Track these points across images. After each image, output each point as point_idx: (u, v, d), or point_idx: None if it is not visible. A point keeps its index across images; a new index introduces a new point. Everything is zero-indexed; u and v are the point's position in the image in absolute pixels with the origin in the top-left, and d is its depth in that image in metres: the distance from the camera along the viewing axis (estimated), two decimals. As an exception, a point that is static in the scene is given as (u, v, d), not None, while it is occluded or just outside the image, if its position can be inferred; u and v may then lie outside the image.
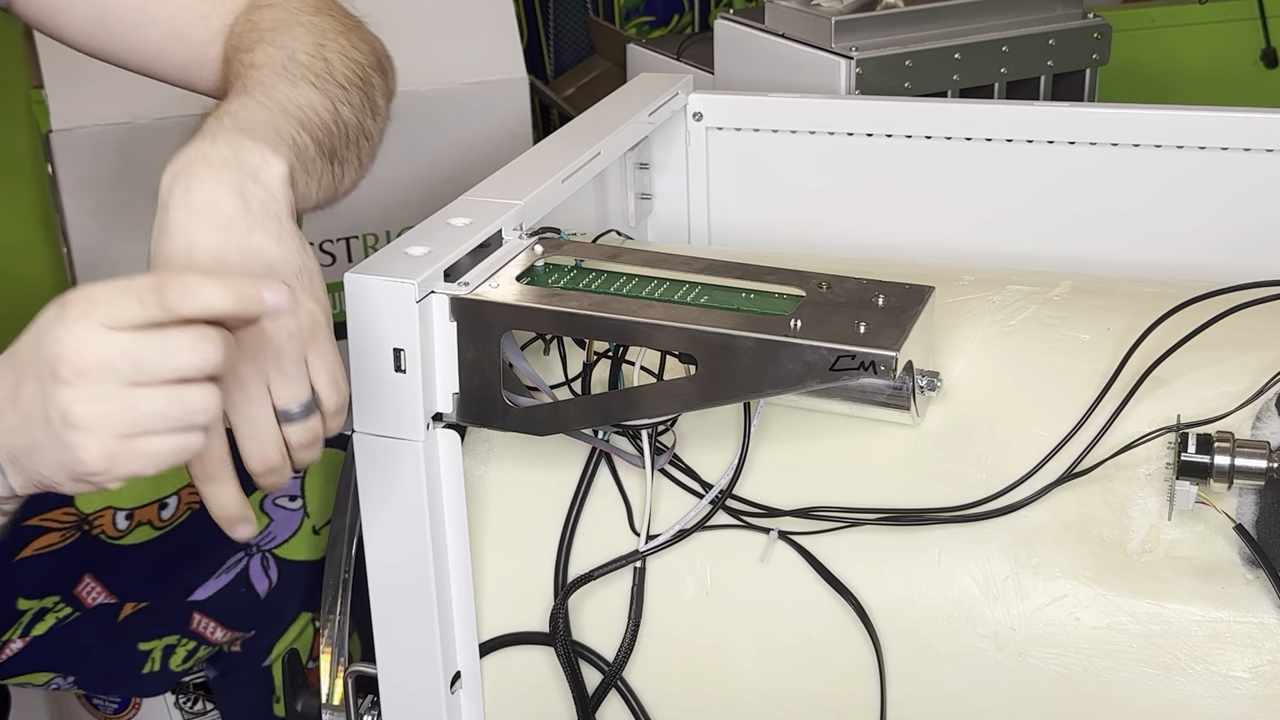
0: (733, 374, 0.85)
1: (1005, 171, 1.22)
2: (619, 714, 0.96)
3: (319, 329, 0.82)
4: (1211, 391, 0.88)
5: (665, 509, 0.93)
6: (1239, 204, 1.16)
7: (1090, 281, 1.01)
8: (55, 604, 1.20)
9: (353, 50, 0.98)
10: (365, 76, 0.97)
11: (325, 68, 0.95)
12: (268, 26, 0.98)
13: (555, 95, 2.56)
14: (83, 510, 1.22)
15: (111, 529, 1.22)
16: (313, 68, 0.94)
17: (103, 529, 1.22)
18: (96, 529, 1.22)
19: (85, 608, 1.20)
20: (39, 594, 1.19)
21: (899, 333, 0.83)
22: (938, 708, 0.89)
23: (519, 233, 0.98)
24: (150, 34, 1.03)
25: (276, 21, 0.99)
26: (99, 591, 1.20)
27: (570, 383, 0.94)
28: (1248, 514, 0.84)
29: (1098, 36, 1.60)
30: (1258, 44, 2.40)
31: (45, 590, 1.19)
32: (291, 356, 0.80)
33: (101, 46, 1.05)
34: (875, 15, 1.55)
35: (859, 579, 0.89)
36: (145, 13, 1.03)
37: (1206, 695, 0.83)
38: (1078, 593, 0.86)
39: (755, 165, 1.29)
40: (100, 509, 1.22)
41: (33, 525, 1.20)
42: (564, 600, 0.94)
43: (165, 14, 1.03)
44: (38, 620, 1.19)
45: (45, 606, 1.19)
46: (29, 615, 1.19)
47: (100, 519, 1.22)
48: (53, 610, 1.19)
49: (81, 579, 1.20)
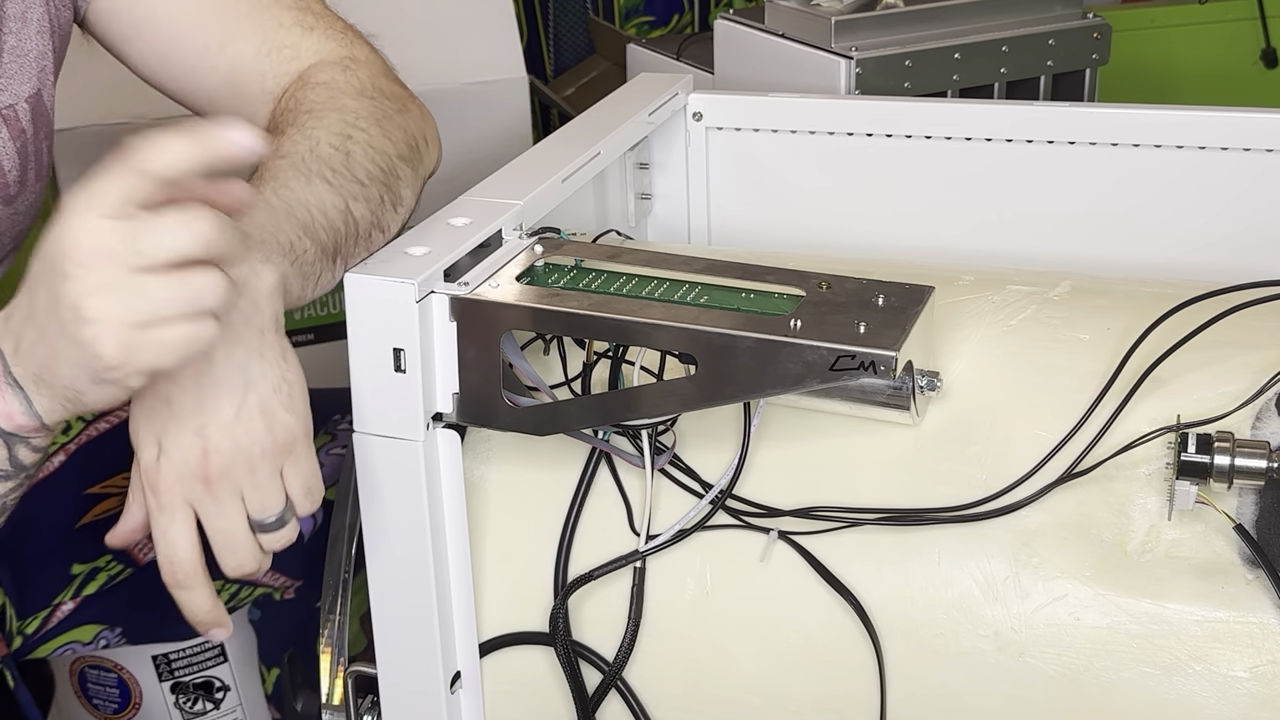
0: (733, 374, 0.85)
1: (1005, 171, 1.21)
2: (619, 714, 0.96)
3: (295, 443, 0.83)
4: (1211, 391, 0.88)
5: (665, 509, 0.93)
6: (1239, 204, 1.16)
7: (1090, 281, 1.01)
8: (108, 562, 1.19)
9: (382, 140, 0.98)
10: (389, 168, 0.97)
11: (345, 162, 0.94)
12: (305, 109, 0.99)
13: (555, 95, 2.56)
14: None
15: None
16: (332, 162, 0.94)
17: None
18: None
19: (138, 564, 1.19)
20: (95, 557, 1.19)
21: (899, 333, 0.83)
22: (938, 708, 0.89)
23: (519, 233, 0.98)
24: (207, 80, 1.06)
25: (314, 104, 0.99)
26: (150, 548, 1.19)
27: (570, 383, 0.94)
28: (1248, 514, 0.84)
29: (1098, 36, 1.60)
30: (1258, 44, 2.40)
31: (101, 552, 1.19)
32: (266, 471, 0.82)
33: (161, 82, 1.08)
34: (875, 15, 1.55)
35: (859, 579, 0.89)
36: (205, 59, 1.05)
37: (1206, 695, 0.83)
38: (1078, 593, 0.86)
39: (755, 165, 1.29)
40: None
41: (94, 493, 1.19)
42: (564, 600, 0.94)
43: (224, 64, 1.05)
44: (89, 580, 1.19)
45: (98, 566, 1.19)
46: (80, 577, 1.18)
47: None
48: (104, 569, 1.19)
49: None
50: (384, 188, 0.95)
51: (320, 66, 1.05)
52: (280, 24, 1.06)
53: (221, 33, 1.05)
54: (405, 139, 1.00)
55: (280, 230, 0.87)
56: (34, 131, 1.03)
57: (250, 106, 1.05)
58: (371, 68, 1.06)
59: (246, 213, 0.82)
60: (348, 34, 1.08)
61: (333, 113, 0.98)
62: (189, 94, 1.08)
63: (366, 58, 1.07)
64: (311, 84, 1.02)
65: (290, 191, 0.90)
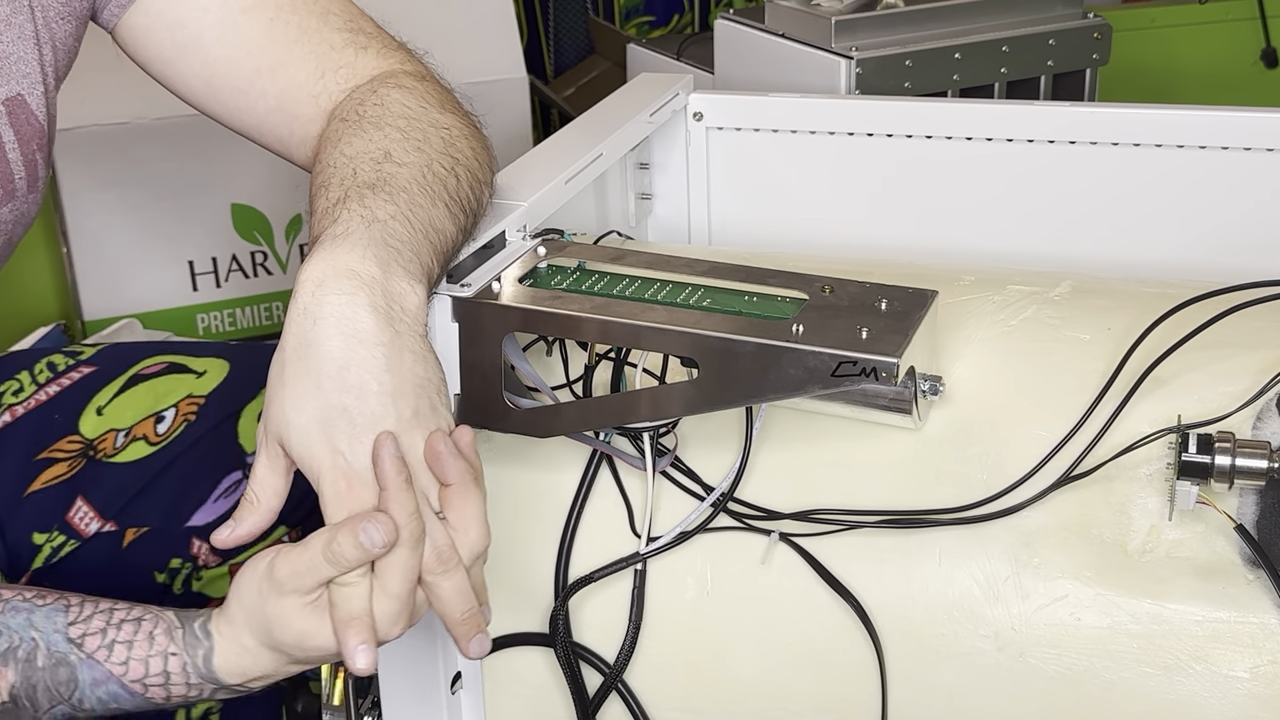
0: (734, 378, 0.85)
1: (1005, 171, 1.22)
2: (619, 715, 0.96)
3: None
4: (1212, 391, 0.88)
5: (666, 511, 0.93)
6: (1239, 204, 1.16)
7: (1090, 281, 1.01)
8: (51, 534, 1.18)
9: (474, 163, 0.96)
10: (479, 195, 0.96)
11: (457, 187, 0.93)
12: (399, 113, 0.96)
13: (555, 95, 2.56)
14: (87, 436, 1.20)
15: (111, 449, 1.20)
16: (447, 184, 0.92)
17: (104, 451, 1.20)
18: (99, 453, 1.20)
19: (83, 537, 1.18)
20: (47, 526, 1.18)
21: (901, 338, 0.83)
22: (938, 708, 0.89)
23: (522, 234, 0.98)
24: (257, 105, 1.04)
25: (408, 111, 0.97)
26: (90, 515, 1.18)
27: (572, 385, 0.94)
28: (1248, 514, 0.84)
29: (1098, 36, 1.60)
30: (1258, 44, 2.40)
31: (52, 521, 1.18)
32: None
33: (206, 105, 1.06)
34: (875, 15, 1.55)
35: (859, 580, 0.89)
36: (256, 84, 1.03)
37: (1207, 695, 0.83)
38: (1078, 593, 0.86)
39: (755, 165, 1.29)
40: (103, 433, 1.20)
41: (42, 459, 1.19)
42: (564, 601, 0.95)
43: (275, 89, 1.03)
44: (35, 555, 1.17)
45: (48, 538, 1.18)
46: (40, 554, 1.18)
47: (103, 442, 1.20)
48: (48, 541, 1.18)
49: (74, 503, 1.18)
50: (474, 216, 0.95)
51: (395, 74, 1.02)
52: (332, 46, 1.03)
53: (273, 57, 1.02)
54: (488, 161, 0.99)
55: (421, 251, 0.86)
56: (14, 135, 1.02)
57: (301, 128, 1.03)
58: (440, 84, 1.04)
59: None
60: (403, 50, 1.06)
61: (430, 127, 0.96)
62: (237, 117, 1.05)
63: (429, 74, 1.05)
64: (398, 86, 1.00)
65: (423, 211, 0.88)
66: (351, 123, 0.96)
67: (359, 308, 0.81)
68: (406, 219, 0.87)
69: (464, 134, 0.98)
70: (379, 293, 0.82)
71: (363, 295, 0.81)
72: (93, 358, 1.25)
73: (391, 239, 0.85)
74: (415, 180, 0.90)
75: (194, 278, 2.02)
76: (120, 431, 1.21)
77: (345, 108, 0.99)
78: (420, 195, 0.89)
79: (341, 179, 0.89)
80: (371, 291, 0.82)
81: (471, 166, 0.95)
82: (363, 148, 0.92)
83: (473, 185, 0.95)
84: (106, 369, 1.24)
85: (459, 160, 0.95)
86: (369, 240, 0.84)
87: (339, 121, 0.97)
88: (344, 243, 0.83)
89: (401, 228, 0.86)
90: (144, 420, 1.21)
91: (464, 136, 0.97)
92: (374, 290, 0.82)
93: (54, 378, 1.22)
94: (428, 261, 0.87)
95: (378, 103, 0.97)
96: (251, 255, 2.04)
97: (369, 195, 0.87)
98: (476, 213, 0.95)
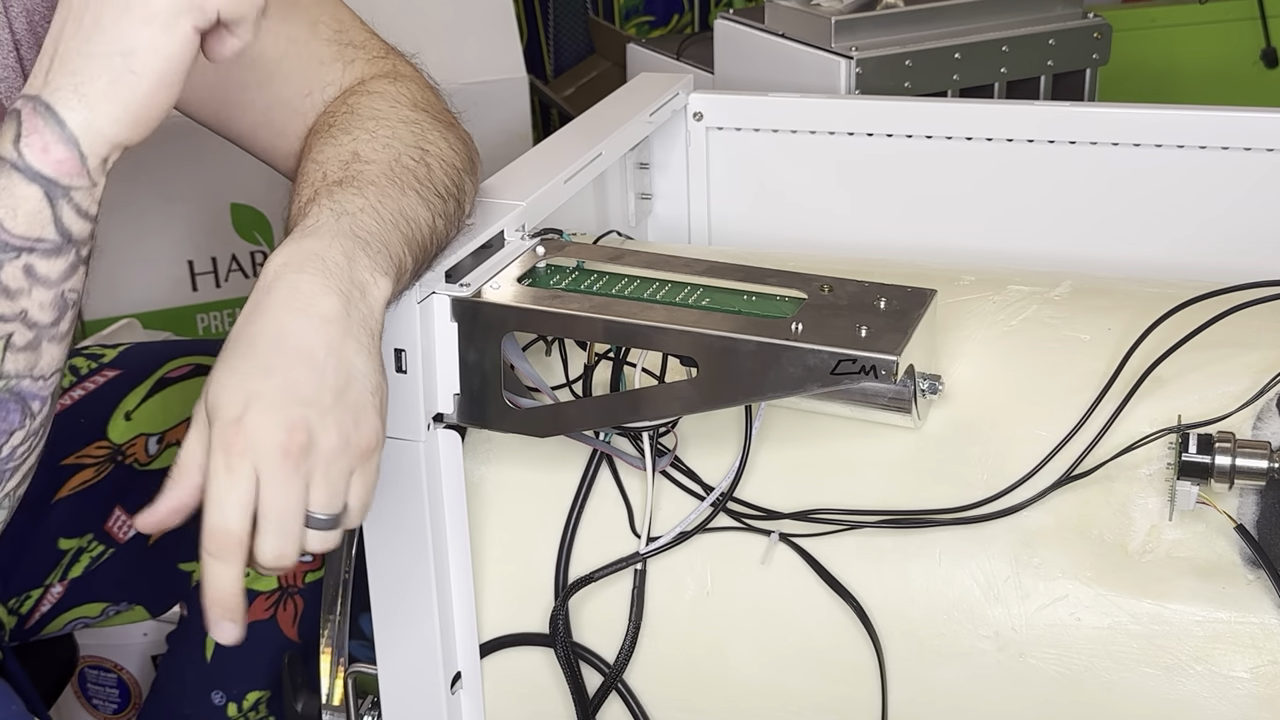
0: (734, 377, 0.85)
1: (1005, 171, 1.22)
2: (619, 715, 0.96)
3: (373, 451, 0.82)
4: (1212, 391, 0.88)
5: (666, 511, 0.93)
6: (1239, 204, 1.16)
7: (1090, 281, 1.01)
8: (89, 542, 1.19)
9: (450, 152, 0.97)
10: (459, 182, 0.96)
11: (428, 175, 0.93)
12: (367, 115, 0.97)
13: (555, 95, 2.56)
14: (115, 442, 1.20)
15: (143, 456, 1.21)
16: (416, 173, 0.92)
17: (135, 458, 1.20)
18: (129, 459, 1.20)
19: (119, 543, 1.19)
20: (78, 533, 1.18)
21: (900, 337, 0.83)
22: (939, 708, 0.89)
23: (521, 234, 0.98)
24: (244, 117, 1.04)
25: (376, 112, 0.97)
26: (128, 525, 1.19)
27: (571, 384, 0.94)
28: (1249, 514, 0.84)
29: (1098, 36, 1.60)
30: (1258, 44, 2.40)
31: (83, 528, 1.18)
32: (340, 468, 0.80)
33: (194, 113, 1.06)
34: (875, 15, 1.55)
35: (859, 580, 0.89)
36: (243, 97, 1.03)
37: (1207, 696, 0.83)
38: (1078, 593, 0.86)
39: (755, 165, 1.29)
40: (132, 438, 1.21)
41: (69, 464, 1.19)
42: (564, 601, 0.95)
43: (262, 103, 1.03)
44: (74, 563, 1.18)
45: (82, 546, 1.18)
46: (67, 557, 1.18)
47: (132, 448, 1.20)
48: (87, 550, 1.18)
49: (112, 512, 1.19)
50: (456, 203, 0.95)
51: (367, 80, 1.03)
52: (320, 61, 1.03)
53: (260, 71, 1.02)
54: (466, 152, 0.99)
55: (390, 242, 0.86)
56: None
57: (288, 145, 1.03)
58: (419, 82, 1.05)
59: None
60: (390, 56, 1.06)
61: (399, 123, 0.97)
62: (225, 128, 1.06)
63: (411, 74, 1.06)
64: (367, 92, 1.01)
65: (393, 201, 0.89)
66: (322, 133, 0.97)
67: (316, 286, 0.81)
68: (375, 210, 0.87)
69: (433, 126, 0.98)
70: (344, 279, 0.82)
71: (324, 278, 0.81)
72: (116, 360, 1.25)
73: (360, 230, 0.85)
74: (383, 174, 0.91)
75: (194, 277, 2.02)
76: (151, 437, 1.21)
77: (320, 121, 1.00)
78: (389, 186, 0.89)
79: (311, 182, 0.90)
80: (334, 276, 0.81)
81: (445, 155, 0.96)
82: (332, 153, 0.93)
83: (447, 172, 0.95)
84: (131, 373, 1.24)
85: (428, 151, 0.95)
86: (336, 231, 0.84)
87: (312, 135, 0.99)
88: (312, 234, 0.84)
89: (370, 219, 0.86)
90: (177, 426, 1.22)
91: (434, 129, 0.98)
92: (338, 275, 0.82)
93: (78, 381, 1.22)
94: (398, 252, 0.86)
95: (347, 110, 0.98)
96: (251, 255, 2.04)
97: (337, 191, 0.88)
98: (459, 198, 0.95)
